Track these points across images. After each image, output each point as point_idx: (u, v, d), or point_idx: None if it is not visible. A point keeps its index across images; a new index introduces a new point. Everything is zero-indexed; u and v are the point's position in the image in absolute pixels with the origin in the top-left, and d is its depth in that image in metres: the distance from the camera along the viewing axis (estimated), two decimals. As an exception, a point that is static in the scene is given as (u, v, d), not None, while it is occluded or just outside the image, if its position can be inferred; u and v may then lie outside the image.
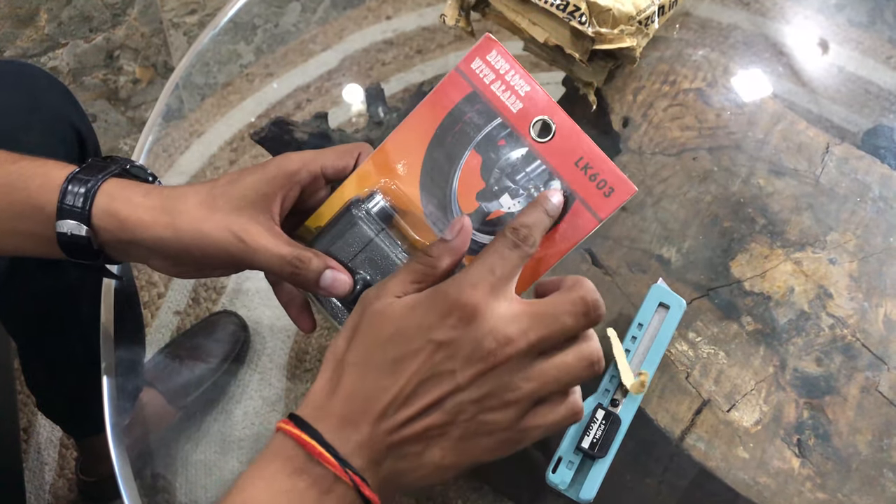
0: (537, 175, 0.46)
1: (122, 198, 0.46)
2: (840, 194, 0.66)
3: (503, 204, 0.46)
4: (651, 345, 0.57)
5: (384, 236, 0.47)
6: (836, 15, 1.01)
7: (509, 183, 0.46)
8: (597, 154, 0.45)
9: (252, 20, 1.38)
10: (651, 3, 0.66)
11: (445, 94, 0.47)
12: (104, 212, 0.45)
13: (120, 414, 0.65)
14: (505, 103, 0.46)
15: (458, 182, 0.47)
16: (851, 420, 0.57)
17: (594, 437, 0.54)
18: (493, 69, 0.46)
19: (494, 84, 0.46)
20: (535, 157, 0.46)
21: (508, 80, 0.46)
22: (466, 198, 0.47)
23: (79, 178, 0.46)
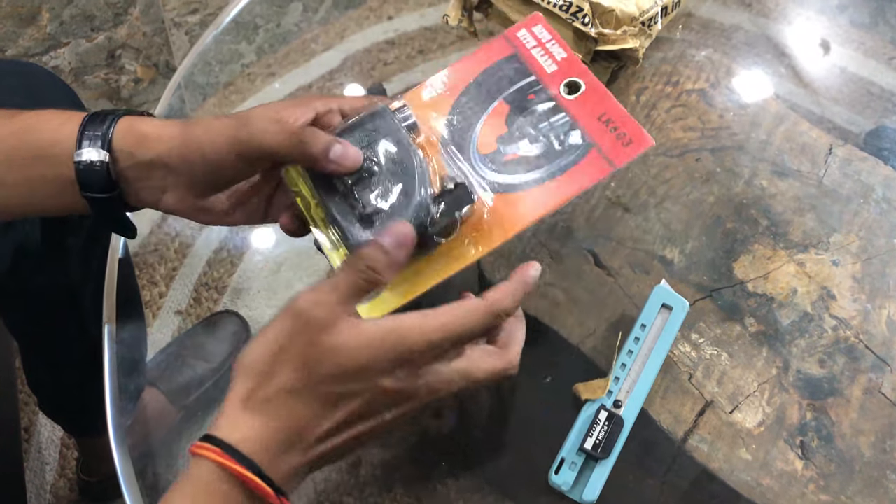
0: (560, 125, 0.48)
1: (141, 120, 0.47)
2: (843, 195, 0.66)
3: (520, 147, 0.49)
4: (654, 346, 0.57)
5: (408, 137, 0.47)
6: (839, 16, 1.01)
7: (531, 130, 0.49)
8: (620, 111, 0.48)
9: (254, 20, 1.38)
10: (654, 4, 0.66)
11: (488, 52, 0.52)
12: (125, 131, 0.46)
13: (122, 414, 0.65)
14: (541, 65, 0.50)
15: (483, 124, 0.50)
16: (854, 422, 0.57)
17: (597, 439, 0.54)
18: (536, 38, 0.51)
19: (535, 49, 0.51)
20: (560, 110, 0.49)
21: (548, 48, 0.51)
22: (487, 139, 0.49)
23: (99, 113, 0.47)
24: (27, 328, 0.87)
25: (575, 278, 0.63)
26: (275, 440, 0.39)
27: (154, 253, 1.21)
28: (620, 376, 0.57)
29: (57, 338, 0.87)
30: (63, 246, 0.78)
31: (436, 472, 0.60)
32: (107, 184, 0.46)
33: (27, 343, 0.90)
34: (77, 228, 0.79)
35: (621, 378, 0.57)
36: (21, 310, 0.83)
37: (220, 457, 0.37)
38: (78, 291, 0.82)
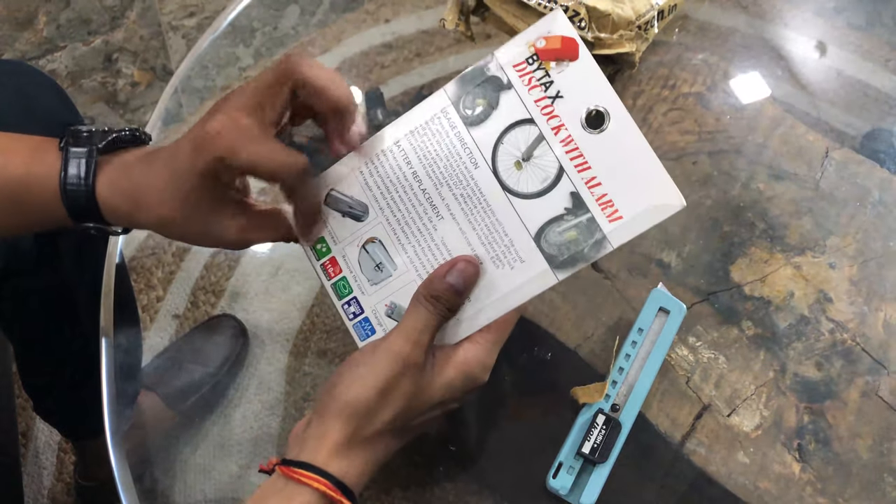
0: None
1: (113, 192, 0.46)
2: (840, 199, 0.66)
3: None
4: (651, 349, 0.57)
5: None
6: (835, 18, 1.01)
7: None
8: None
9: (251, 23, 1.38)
10: (650, 8, 0.66)
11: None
12: (105, 206, 0.46)
13: (119, 418, 0.65)
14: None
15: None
16: (852, 425, 0.57)
17: (595, 443, 0.54)
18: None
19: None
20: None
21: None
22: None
23: (71, 184, 0.46)
24: (21, 330, 0.87)
25: (572, 282, 0.63)
26: (370, 472, 0.43)
27: (151, 257, 1.21)
28: (618, 380, 0.57)
29: (52, 340, 0.87)
30: (56, 247, 0.78)
31: (434, 475, 0.60)
32: (101, 221, 0.47)
33: (22, 345, 0.90)
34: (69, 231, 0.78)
35: (619, 382, 0.57)
36: (16, 313, 0.83)
37: (331, 490, 0.40)
38: (72, 293, 0.82)
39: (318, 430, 0.42)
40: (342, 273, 0.47)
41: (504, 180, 0.43)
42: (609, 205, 0.42)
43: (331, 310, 1.14)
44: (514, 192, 0.43)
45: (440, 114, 0.45)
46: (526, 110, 0.43)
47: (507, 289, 0.44)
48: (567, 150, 0.42)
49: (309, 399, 1.04)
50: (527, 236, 0.43)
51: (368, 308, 0.46)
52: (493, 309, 0.44)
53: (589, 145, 0.42)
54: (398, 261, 0.46)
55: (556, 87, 0.42)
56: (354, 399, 0.42)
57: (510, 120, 0.43)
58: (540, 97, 0.43)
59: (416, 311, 0.43)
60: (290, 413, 1.01)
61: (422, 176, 0.45)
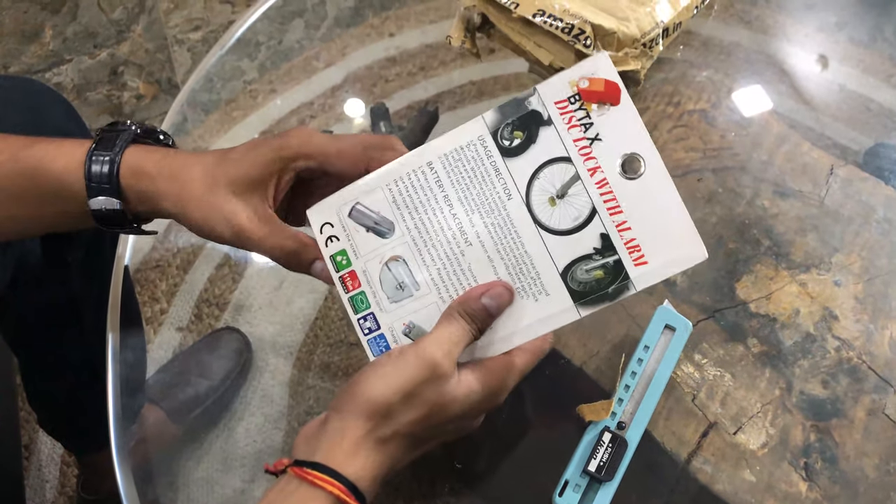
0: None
1: (138, 170, 0.47)
2: (845, 216, 0.66)
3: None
4: (657, 367, 0.57)
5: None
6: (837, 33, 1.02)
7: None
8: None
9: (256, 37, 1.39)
10: (655, 26, 0.66)
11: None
12: (128, 186, 0.47)
13: (125, 432, 0.65)
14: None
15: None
16: (858, 443, 0.57)
17: (601, 461, 0.54)
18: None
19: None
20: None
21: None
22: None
23: (98, 154, 0.47)
24: (27, 343, 0.87)
25: (578, 299, 0.63)
26: (382, 476, 0.42)
27: (155, 269, 1.21)
28: (624, 398, 0.57)
29: (56, 353, 0.87)
30: (63, 261, 0.78)
31: (439, 492, 0.60)
32: (124, 221, 0.48)
33: (27, 358, 0.90)
34: (77, 244, 0.79)
35: (625, 399, 0.57)
36: (21, 324, 0.83)
37: (343, 493, 0.40)
38: (78, 307, 0.82)
39: (335, 426, 0.42)
40: (361, 287, 0.47)
41: (536, 214, 0.44)
42: (636, 249, 0.43)
43: (334, 323, 1.14)
44: (545, 227, 0.44)
45: (476, 141, 0.45)
46: (564, 148, 0.44)
47: (529, 319, 0.44)
48: (601, 192, 0.43)
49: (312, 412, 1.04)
50: (554, 271, 0.44)
51: (385, 325, 0.47)
52: (513, 337, 0.45)
53: (623, 190, 0.43)
54: (421, 280, 0.46)
55: (596, 130, 0.43)
56: (377, 397, 0.41)
57: (548, 156, 0.44)
58: (579, 137, 0.43)
59: (450, 323, 0.43)
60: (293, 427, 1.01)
61: (453, 200, 0.45)
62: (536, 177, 0.44)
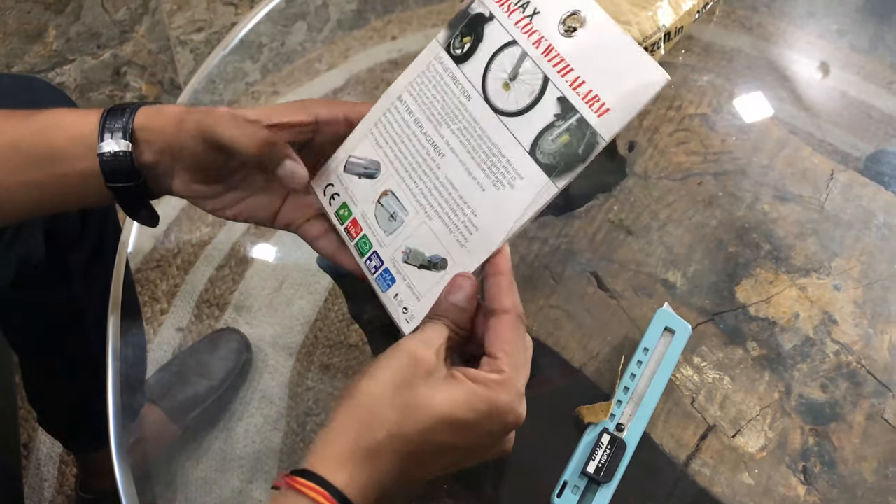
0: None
1: (156, 110, 0.49)
2: (845, 220, 0.66)
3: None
4: (657, 369, 0.58)
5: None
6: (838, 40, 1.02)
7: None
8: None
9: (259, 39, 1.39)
10: (657, 30, 0.66)
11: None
12: (142, 122, 0.48)
13: (124, 431, 0.65)
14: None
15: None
16: (857, 447, 0.57)
17: (599, 462, 0.54)
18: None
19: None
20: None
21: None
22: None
23: (117, 107, 0.49)
24: (28, 343, 0.87)
25: (578, 301, 0.63)
26: (372, 491, 0.40)
27: (156, 269, 1.22)
28: (623, 400, 0.57)
29: (58, 354, 0.87)
30: (65, 263, 0.78)
31: (437, 494, 0.60)
32: (131, 172, 0.48)
33: (28, 358, 0.90)
34: (80, 247, 0.79)
35: (624, 401, 0.57)
36: (23, 325, 0.83)
37: (328, 501, 0.38)
38: (81, 308, 0.82)
39: (324, 437, 0.41)
40: (362, 231, 0.49)
41: (494, 103, 0.45)
42: (595, 100, 0.42)
43: (334, 325, 1.14)
44: (505, 112, 0.45)
45: (434, 60, 0.47)
46: (508, 34, 0.45)
47: (511, 208, 0.44)
48: (549, 59, 0.44)
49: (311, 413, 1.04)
50: (521, 151, 0.44)
51: (387, 258, 0.48)
52: (500, 230, 0.45)
53: (569, 49, 0.43)
54: (409, 206, 0.47)
55: (533, 6, 0.45)
56: (360, 395, 0.41)
57: (495, 46, 0.45)
58: (519, 18, 0.45)
59: (427, 326, 0.43)
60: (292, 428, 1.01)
61: (423, 121, 0.47)
62: (489, 69, 0.45)
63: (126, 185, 0.48)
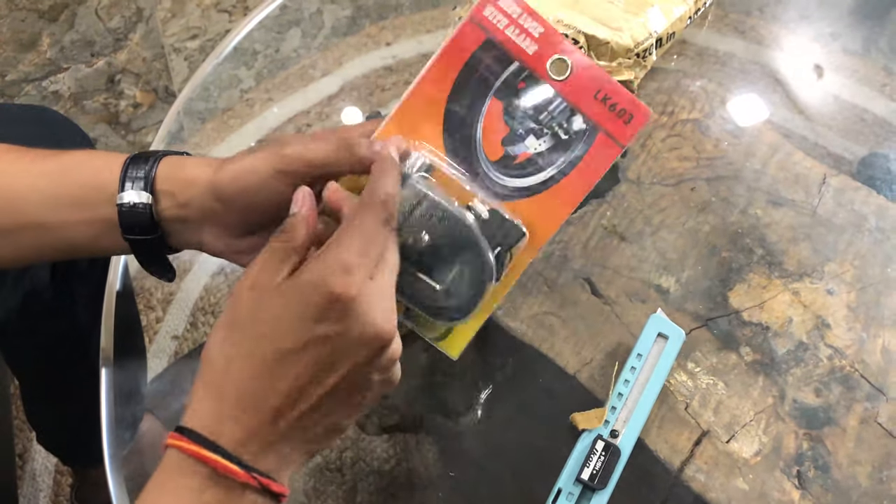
0: (559, 112, 0.46)
1: (182, 160, 0.47)
2: (837, 225, 0.66)
3: (529, 145, 0.47)
4: (650, 375, 0.58)
5: (435, 190, 0.45)
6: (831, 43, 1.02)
7: (533, 123, 0.47)
8: (613, 85, 0.46)
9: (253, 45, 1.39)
10: (649, 36, 0.67)
11: (459, 45, 0.47)
12: (167, 173, 0.46)
13: (118, 445, 0.65)
14: (520, 46, 0.46)
15: (482, 130, 0.47)
16: (851, 451, 0.57)
17: (594, 469, 0.54)
18: (506, 14, 0.46)
19: (508, 29, 0.46)
20: (555, 96, 0.46)
21: (522, 24, 0.46)
22: (491, 144, 0.47)
23: (141, 154, 0.47)
24: (31, 369, 0.87)
25: (571, 307, 0.63)
26: (233, 416, 0.37)
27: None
28: (617, 406, 0.57)
29: (61, 380, 0.87)
30: (71, 293, 0.78)
31: (432, 500, 0.60)
32: (149, 226, 0.46)
33: (30, 385, 0.90)
34: (86, 280, 0.79)
35: (618, 408, 0.57)
36: (26, 352, 0.83)
37: (178, 440, 0.37)
38: (85, 340, 0.82)
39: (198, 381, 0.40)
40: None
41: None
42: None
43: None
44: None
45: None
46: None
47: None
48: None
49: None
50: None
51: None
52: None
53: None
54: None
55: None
56: (208, 345, 0.40)
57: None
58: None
59: (263, 250, 0.41)
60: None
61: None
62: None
63: (143, 237, 0.47)
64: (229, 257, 0.48)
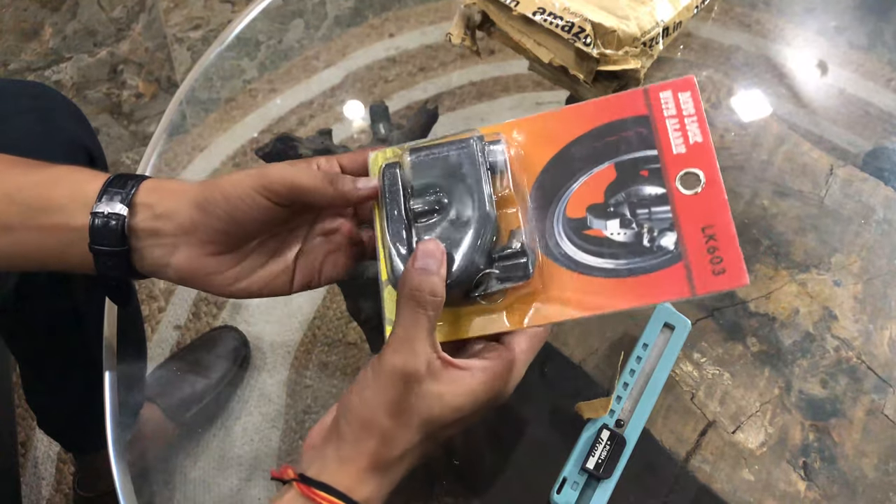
0: (659, 219, 0.43)
1: (166, 180, 0.47)
2: (844, 216, 0.66)
3: (609, 227, 0.44)
4: (656, 365, 0.57)
5: (486, 179, 0.44)
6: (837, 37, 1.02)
7: (628, 212, 0.44)
8: (728, 231, 0.42)
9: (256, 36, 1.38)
10: (655, 25, 0.66)
11: (616, 104, 0.46)
12: (149, 189, 0.46)
13: (122, 430, 0.65)
14: (670, 141, 0.44)
15: (581, 184, 0.45)
16: (857, 443, 0.57)
17: (599, 458, 0.54)
18: (678, 107, 0.45)
19: (671, 119, 0.45)
20: (666, 202, 0.43)
21: (686, 124, 0.44)
22: (578, 202, 0.45)
23: (125, 174, 0.47)
24: (29, 350, 0.87)
25: (577, 297, 0.63)
26: (387, 495, 0.42)
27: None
28: (623, 395, 0.57)
29: (59, 360, 0.87)
30: (66, 274, 0.78)
31: (436, 490, 0.60)
32: (118, 239, 0.46)
33: (29, 363, 0.90)
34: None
35: (623, 397, 0.57)
36: (24, 332, 0.83)
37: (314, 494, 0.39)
38: (82, 317, 0.82)
39: (339, 453, 0.41)
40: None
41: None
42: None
43: (332, 323, 1.14)
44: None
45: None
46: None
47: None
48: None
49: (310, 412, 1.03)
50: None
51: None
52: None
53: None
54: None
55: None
56: (370, 425, 0.41)
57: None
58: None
59: (401, 314, 0.41)
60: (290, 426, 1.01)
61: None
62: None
63: (109, 249, 0.46)
64: (199, 281, 0.47)
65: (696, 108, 0.44)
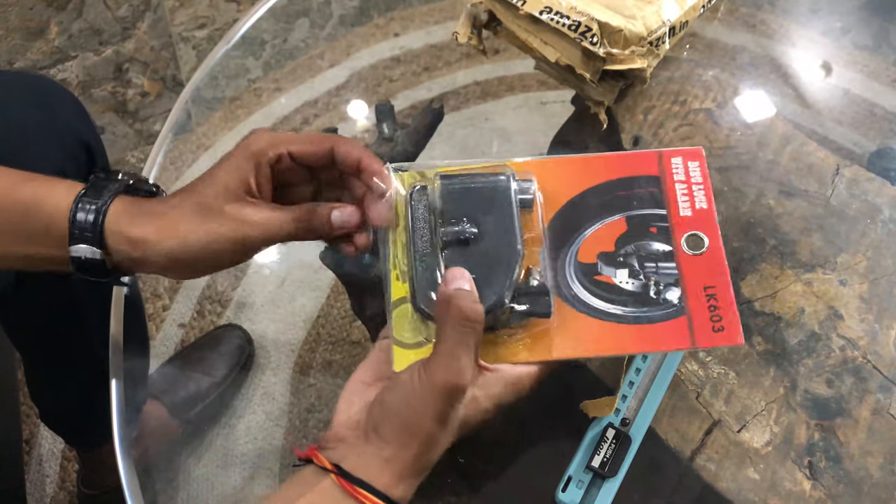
0: (665, 275, 0.47)
1: (129, 218, 0.47)
2: (850, 216, 0.66)
3: (618, 276, 0.47)
4: (662, 364, 0.57)
5: (518, 218, 0.46)
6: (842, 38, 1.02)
7: (635, 263, 0.47)
8: (727, 293, 0.46)
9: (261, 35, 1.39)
10: (662, 25, 0.66)
11: (632, 161, 0.50)
12: (114, 233, 0.47)
13: (128, 426, 0.65)
14: (678, 204, 0.49)
15: (593, 232, 0.48)
16: (863, 442, 0.57)
17: (604, 457, 0.54)
18: (688, 173, 0.50)
19: (679, 184, 0.49)
20: (672, 259, 0.47)
21: (693, 190, 0.49)
22: (590, 248, 0.48)
23: (86, 202, 0.47)
24: (31, 342, 0.87)
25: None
26: (413, 493, 0.44)
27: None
28: (628, 394, 0.57)
29: (62, 354, 0.87)
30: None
31: (440, 488, 0.60)
32: (104, 272, 0.48)
33: (31, 356, 0.90)
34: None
35: (629, 396, 0.57)
36: (26, 324, 0.83)
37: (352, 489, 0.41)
38: (82, 308, 0.82)
39: (382, 454, 0.42)
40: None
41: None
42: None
43: (336, 321, 1.14)
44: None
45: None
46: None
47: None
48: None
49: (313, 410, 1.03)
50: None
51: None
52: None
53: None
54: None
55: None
56: (417, 430, 0.42)
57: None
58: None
59: (446, 332, 0.43)
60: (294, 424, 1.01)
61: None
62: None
63: (98, 280, 0.49)
64: (194, 277, 0.50)
65: (703, 176, 0.49)
